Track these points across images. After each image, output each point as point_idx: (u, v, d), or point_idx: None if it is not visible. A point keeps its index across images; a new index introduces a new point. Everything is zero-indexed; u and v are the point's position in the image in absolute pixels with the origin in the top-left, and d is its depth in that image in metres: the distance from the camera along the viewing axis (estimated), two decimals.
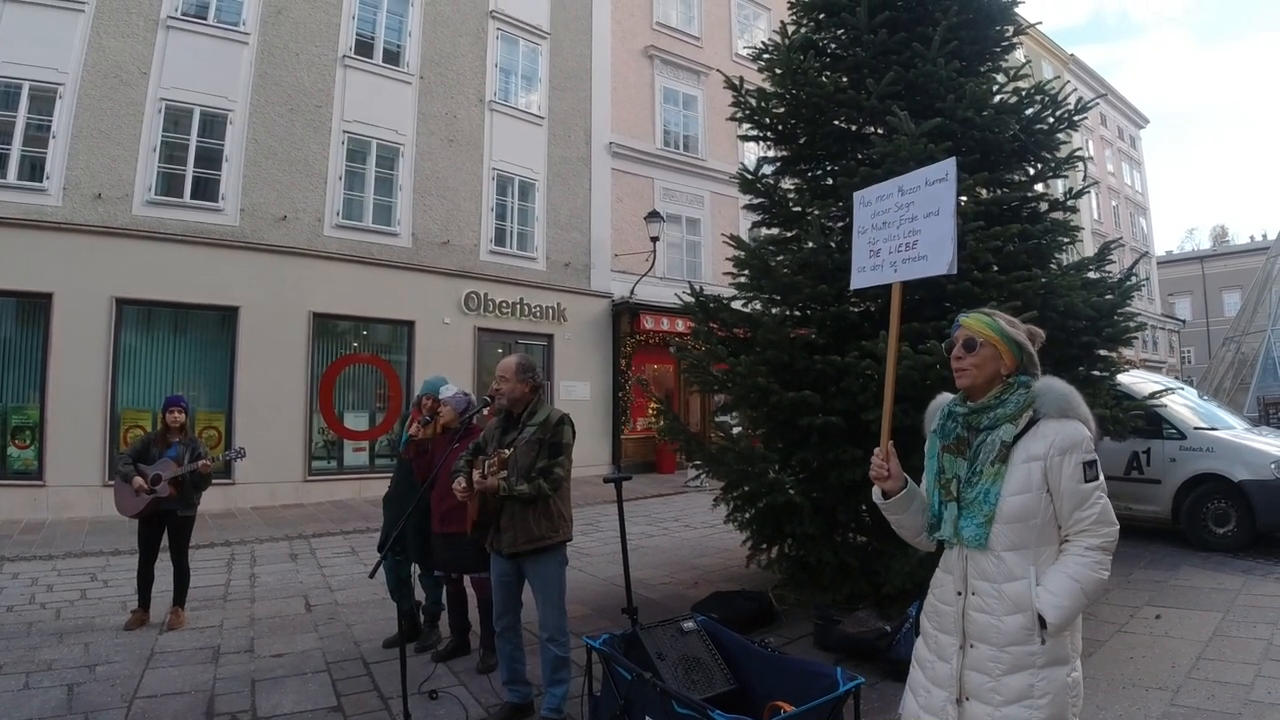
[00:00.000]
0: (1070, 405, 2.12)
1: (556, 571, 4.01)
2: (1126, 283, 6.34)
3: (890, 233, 2.62)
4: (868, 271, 2.72)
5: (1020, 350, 2.21)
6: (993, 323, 2.23)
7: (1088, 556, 2.03)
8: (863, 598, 5.52)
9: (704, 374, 6.39)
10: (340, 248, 13.81)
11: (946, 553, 2.27)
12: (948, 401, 2.35)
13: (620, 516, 4.25)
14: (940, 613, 2.25)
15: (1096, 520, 2.05)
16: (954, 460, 2.24)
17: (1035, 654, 2.03)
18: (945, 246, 2.42)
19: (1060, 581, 2.02)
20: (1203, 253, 58.71)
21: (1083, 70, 38.09)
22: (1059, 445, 2.06)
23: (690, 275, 17.33)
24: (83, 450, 11.12)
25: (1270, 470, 7.73)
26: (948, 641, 2.19)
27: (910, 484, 2.34)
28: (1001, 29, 6.56)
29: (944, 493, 2.24)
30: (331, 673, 4.85)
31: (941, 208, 2.45)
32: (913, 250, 2.53)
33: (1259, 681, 4.35)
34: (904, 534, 2.41)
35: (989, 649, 2.08)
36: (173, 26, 12.41)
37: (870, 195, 2.76)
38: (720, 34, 21.17)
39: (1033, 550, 2.07)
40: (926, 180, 2.53)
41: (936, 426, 2.34)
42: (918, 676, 2.29)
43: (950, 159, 2.51)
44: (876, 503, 2.38)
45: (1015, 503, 2.07)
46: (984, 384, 2.22)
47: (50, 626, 5.85)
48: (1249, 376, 25.02)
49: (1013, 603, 2.06)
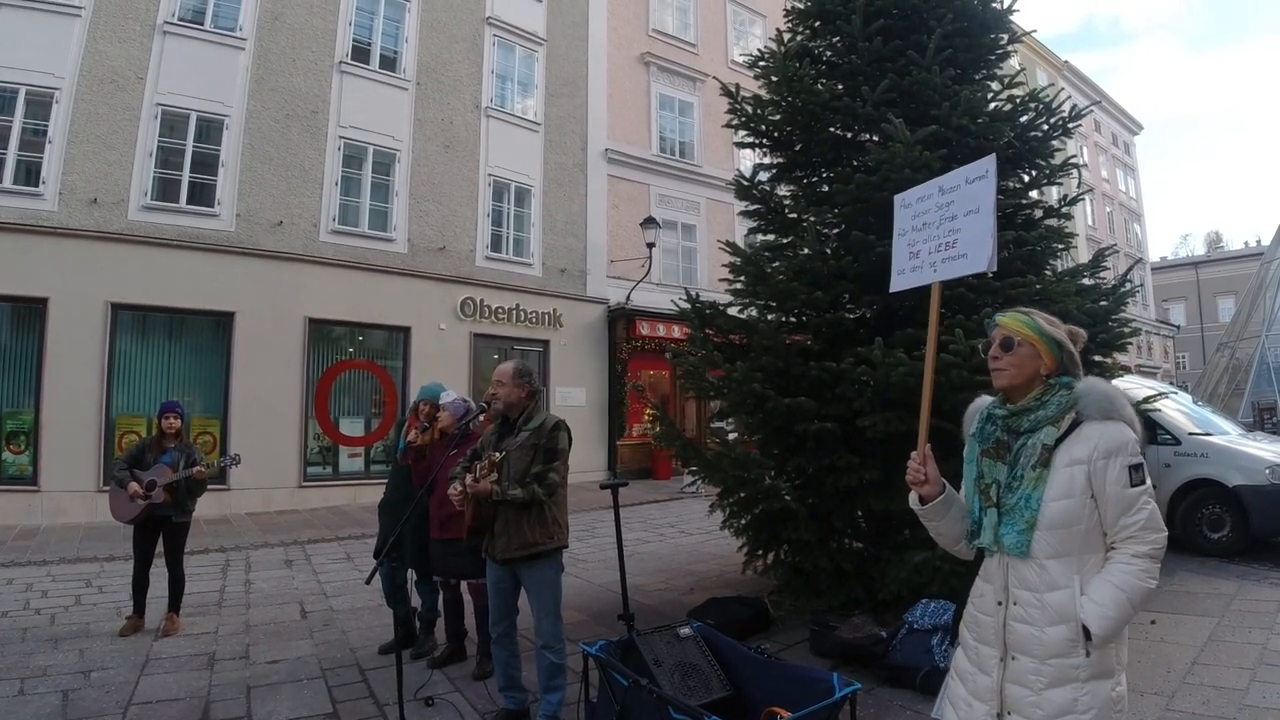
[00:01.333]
0: (1114, 406, 2.03)
1: (552, 578, 4.00)
2: (1121, 289, 6.37)
3: (930, 233, 2.57)
4: (907, 274, 2.65)
5: (1060, 349, 2.12)
6: (1031, 321, 2.14)
7: (1134, 565, 1.94)
8: (859, 603, 5.52)
9: (700, 380, 6.39)
10: (336, 253, 13.81)
11: (986, 561, 2.18)
12: (986, 404, 2.26)
13: (616, 522, 4.25)
14: (980, 623, 2.16)
15: (1144, 526, 1.96)
16: (994, 465, 2.15)
17: (1079, 667, 1.94)
18: (985, 244, 2.36)
19: (1105, 591, 1.92)
20: (1197, 258, 58.89)
21: (1076, 77, 38.25)
22: (1103, 448, 1.97)
23: (686, 281, 17.34)
24: (77, 456, 11.09)
25: (1265, 475, 7.75)
26: (988, 653, 2.10)
27: (948, 489, 2.26)
28: (996, 37, 6.58)
29: (984, 498, 2.15)
30: (327, 679, 4.84)
31: (982, 205, 2.40)
32: (952, 249, 2.47)
33: (1254, 686, 4.36)
34: (942, 541, 2.33)
35: (1030, 661, 2.00)
36: (169, 32, 12.41)
37: (910, 197, 2.71)
38: (716, 41, 21.22)
39: (1076, 558, 1.99)
40: (967, 178, 2.48)
41: (975, 430, 2.26)
42: (958, 689, 2.20)
43: (990, 156, 2.45)
44: (914, 509, 2.30)
45: (1058, 508, 1.98)
46: (1023, 385, 2.12)
47: (45, 632, 5.83)
48: (1243, 382, 25.10)
49: (1055, 613, 1.97)
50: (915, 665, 4.41)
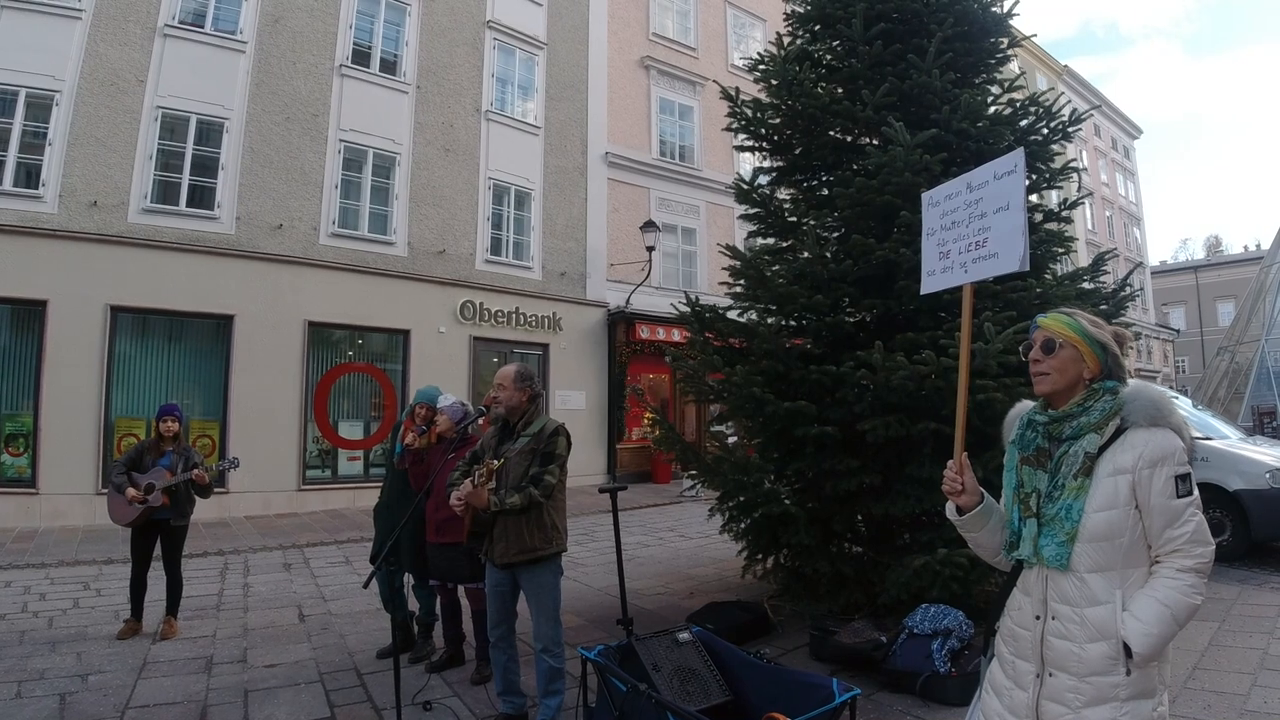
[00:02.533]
0: (1162, 413, 1.93)
1: (551, 582, 3.99)
2: (1121, 293, 6.36)
3: (960, 232, 2.47)
4: (937, 275, 2.55)
5: (1105, 352, 2.03)
6: (1074, 322, 2.05)
7: (1180, 580, 1.84)
8: (858, 608, 5.52)
9: (699, 384, 6.39)
10: (336, 256, 13.81)
11: (1025, 573, 2.09)
12: (1028, 410, 2.17)
13: (615, 526, 4.25)
14: (1018, 637, 2.07)
15: (1190, 540, 1.86)
16: (1034, 473, 2.07)
17: (1119, 686, 1.86)
18: (1016, 242, 2.26)
19: (1149, 607, 1.84)
20: (1197, 262, 58.91)
21: (1076, 81, 38.30)
22: (1149, 457, 1.88)
23: (686, 285, 17.36)
24: (76, 458, 11.08)
25: (1265, 480, 7.74)
26: (1025, 669, 2.02)
27: (987, 499, 2.18)
28: (996, 41, 6.59)
29: (1023, 508, 2.07)
30: (325, 683, 4.82)
31: (1011, 201, 2.30)
32: (983, 249, 2.37)
33: (1255, 691, 4.35)
34: (982, 553, 2.25)
35: (1069, 679, 1.92)
36: (170, 35, 12.42)
37: (939, 195, 2.62)
38: (716, 45, 21.25)
39: (1119, 572, 1.90)
40: (995, 174, 2.38)
41: (1015, 437, 2.17)
42: (993, 704, 2.11)
43: (1019, 150, 2.36)
44: (951, 519, 2.23)
45: (1100, 520, 1.90)
46: (1065, 390, 2.04)
47: (43, 635, 5.82)
48: (1243, 386, 25.10)
49: (1096, 629, 1.88)
50: (915, 670, 4.40)
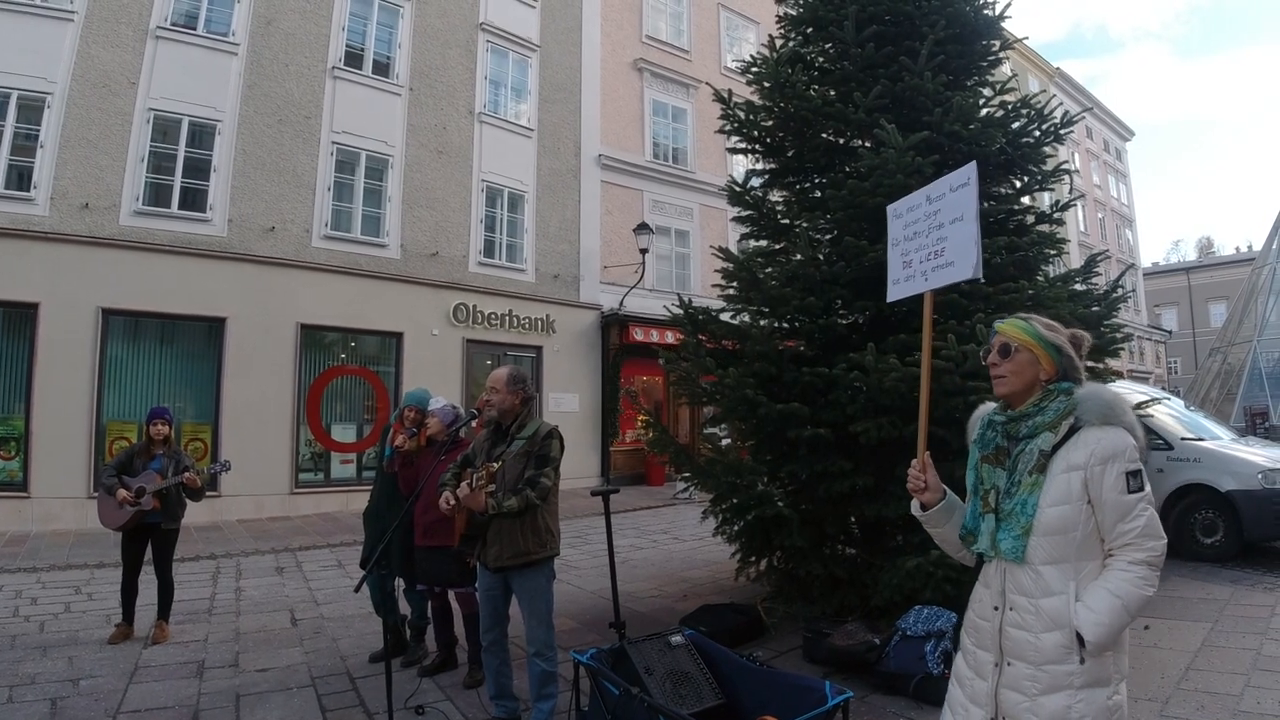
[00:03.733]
0: (1113, 412, 2.03)
1: (543, 586, 3.98)
2: (1113, 294, 6.38)
3: (920, 242, 2.62)
4: (901, 283, 2.71)
5: (1059, 354, 2.13)
6: (1029, 327, 2.16)
7: (1131, 571, 1.95)
8: (852, 610, 5.51)
9: (693, 386, 6.39)
10: (329, 259, 13.77)
11: (985, 566, 2.19)
12: (989, 411, 2.28)
13: (608, 529, 4.24)
14: (978, 628, 2.17)
15: (1141, 533, 1.96)
16: (993, 471, 2.17)
17: (1073, 674, 1.95)
18: (970, 251, 2.40)
19: (1101, 598, 1.93)
20: (1189, 264, 59.17)
21: (1068, 83, 38.44)
22: (1100, 454, 1.98)
23: (679, 287, 17.35)
24: (68, 462, 11.01)
25: (1257, 480, 7.77)
26: (985, 658, 2.12)
27: (950, 495, 2.30)
28: (988, 43, 6.60)
29: (982, 504, 2.17)
30: (317, 688, 4.81)
31: (965, 212, 2.44)
32: (941, 258, 2.51)
33: (1248, 692, 4.36)
34: (946, 547, 2.36)
35: (1026, 667, 2.01)
36: (162, 37, 12.37)
37: (901, 208, 2.76)
38: (709, 47, 21.27)
39: (1073, 565, 2.00)
40: (951, 186, 2.51)
41: (977, 436, 2.27)
42: (956, 694, 2.21)
43: (971, 164, 2.48)
44: (915, 515, 2.33)
45: (1054, 514, 2.00)
46: (1023, 391, 2.14)
47: (34, 640, 5.79)
48: (1235, 387, 25.23)
49: (1050, 619, 1.98)
50: (908, 672, 4.40)
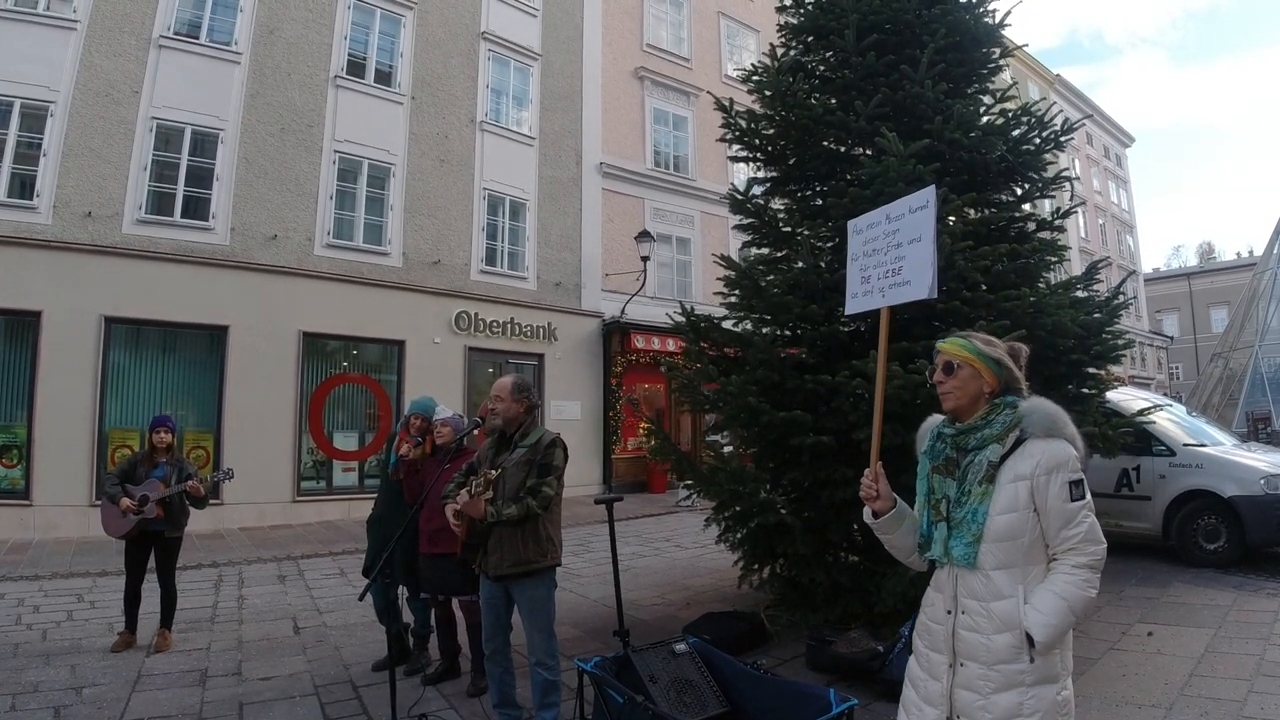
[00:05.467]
0: (1056, 425, 2.14)
1: (545, 595, 3.97)
2: (1114, 301, 6.39)
3: (879, 259, 2.69)
4: (859, 298, 2.78)
5: (1000, 367, 2.23)
6: (967, 344, 2.26)
7: (1075, 575, 2.05)
8: (855, 618, 5.51)
9: (695, 393, 6.39)
10: (331, 267, 13.80)
11: (938, 572, 2.28)
12: (937, 423, 2.37)
13: (611, 537, 4.24)
14: (931, 631, 2.26)
15: (1083, 539, 2.07)
16: (944, 481, 2.26)
17: (1024, 672, 2.04)
18: (925, 272, 2.47)
19: (1048, 600, 2.04)
20: (1190, 269, 59.16)
21: (1068, 90, 38.50)
22: (1045, 465, 2.08)
23: (681, 295, 17.35)
24: (70, 470, 11.02)
25: (1259, 486, 7.76)
26: (939, 660, 2.20)
27: (900, 504, 2.37)
28: (988, 51, 6.63)
29: (934, 513, 2.26)
30: (320, 696, 4.80)
31: (923, 234, 2.51)
32: (898, 276, 2.59)
33: (1251, 698, 4.35)
34: (897, 554, 2.44)
35: (978, 667, 2.10)
36: (165, 46, 12.44)
37: (862, 224, 2.82)
38: (710, 55, 21.34)
39: (1020, 569, 2.09)
40: (910, 208, 2.59)
41: (927, 447, 2.36)
42: (910, 695, 2.30)
43: (930, 187, 2.57)
44: (868, 522, 2.40)
45: (1002, 522, 2.09)
46: (968, 405, 2.24)
47: (37, 648, 5.79)
48: (1237, 392, 25.25)
49: (1001, 621, 2.07)
50: None
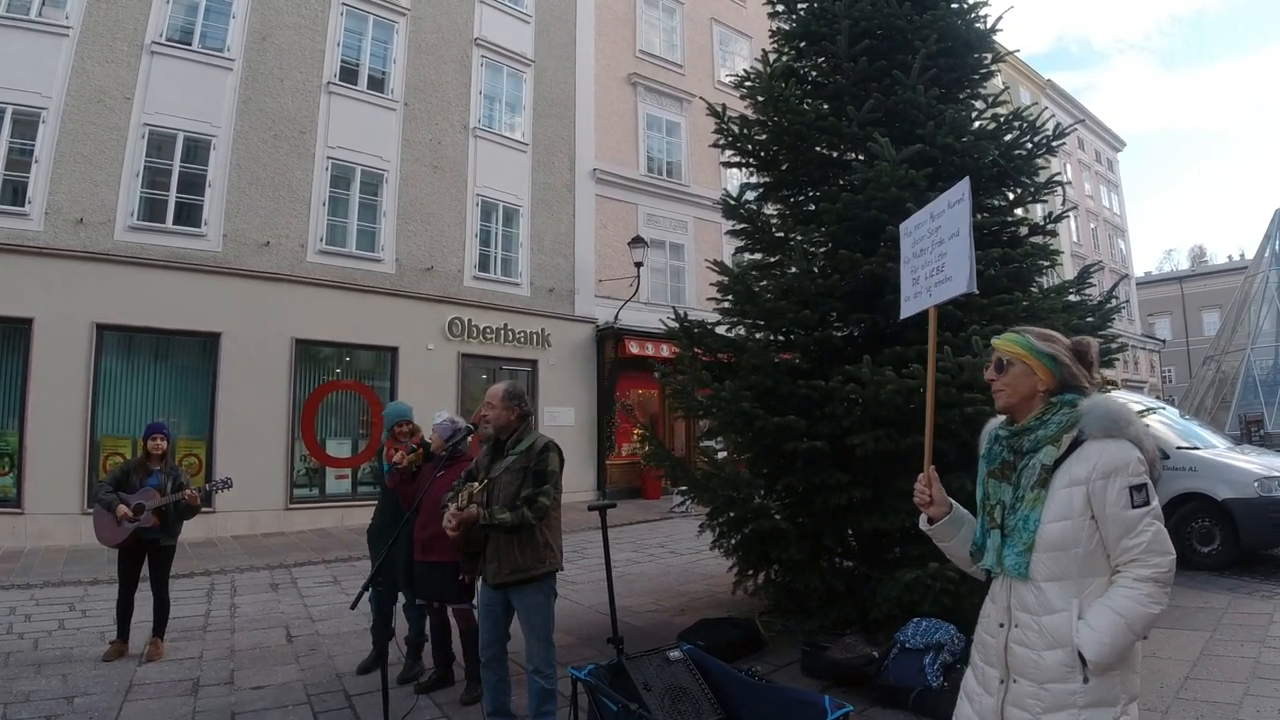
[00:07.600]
0: (1117, 425, 1.97)
1: (543, 602, 3.96)
2: (1106, 305, 6.41)
3: (926, 259, 2.65)
4: (911, 300, 2.73)
5: (1056, 364, 2.09)
6: (1021, 339, 2.14)
7: (1136, 589, 1.88)
8: (850, 623, 5.50)
9: (689, 399, 6.39)
10: (323, 274, 13.77)
11: (993, 582, 2.17)
12: (996, 425, 2.25)
13: (605, 544, 4.23)
14: (985, 644, 2.15)
15: (1147, 549, 1.90)
16: (999, 486, 2.15)
17: (1076, 693, 1.90)
18: (964, 265, 2.42)
19: (1103, 616, 1.88)
20: (1181, 273, 59.40)
21: (1059, 95, 38.72)
22: (1102, 468, 1.93)
23: (674, 300, 17.33)
24: (62, 478, 10.95)
25: (1253, 488, 7.79)
26: (991, 675, 2.10)
27: (956, 508, 2.28)
28: (980, 56, 6.65)
29: (989, 519, 2.15)
30: (313, 705, 4.77)
31: (960, 228, 2.47)
32: (942, 273, 2.53)
33: (1247, 700, 4.36)
34: (957, 561, 2.33)
35: (1029, 685, 1.98)
36: (157, 52, 12.41)
37: (910, 225, 2.79)
38: (703, 61, 21.39)
39: (1075, 581, 1.95)
40: (949, 203, 2.54)
41: (984, 451, 2.25)
42: (964, 708, 2.19)
43: (965, 179, 2.51)
44: (924, 530, 2.32)
45: (1055, 530, 1.96)
46: (1021, 404, 2.12)
47: (28, 657, 5.74)
48: (1230, 395, 25.33)
49: (1052, 637, 1.94)
50: (908, 685, 4.39)
